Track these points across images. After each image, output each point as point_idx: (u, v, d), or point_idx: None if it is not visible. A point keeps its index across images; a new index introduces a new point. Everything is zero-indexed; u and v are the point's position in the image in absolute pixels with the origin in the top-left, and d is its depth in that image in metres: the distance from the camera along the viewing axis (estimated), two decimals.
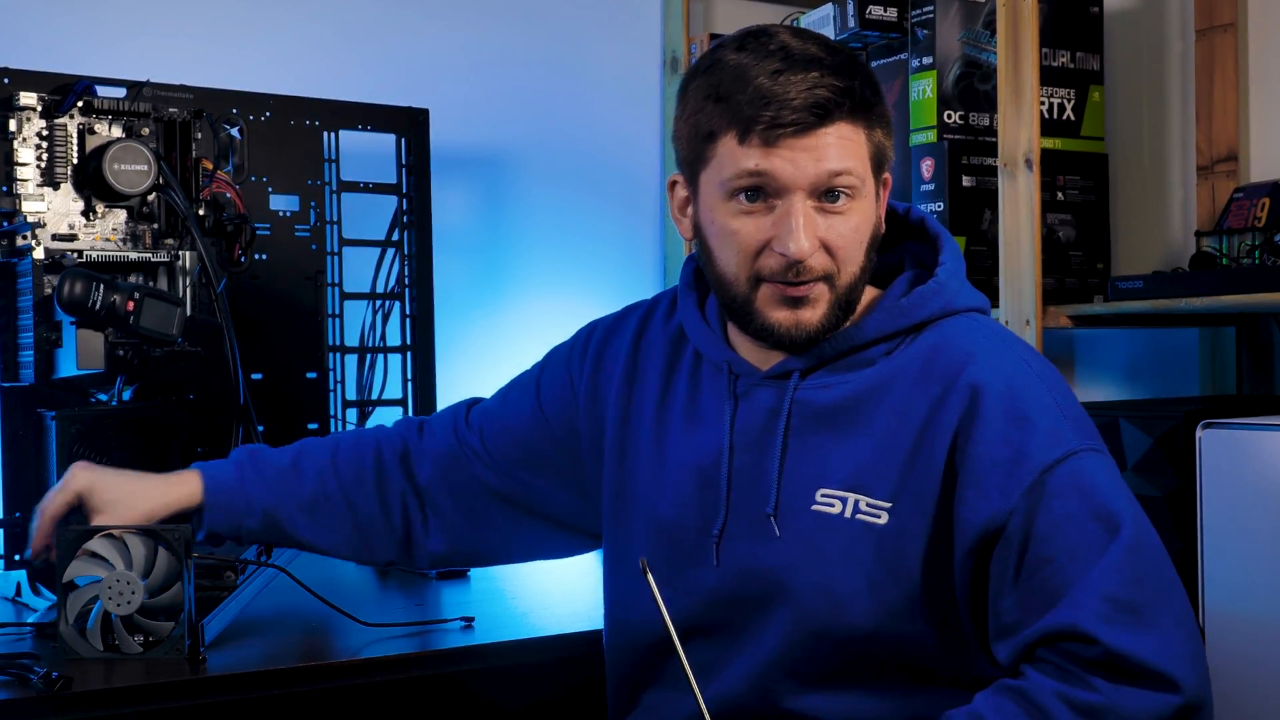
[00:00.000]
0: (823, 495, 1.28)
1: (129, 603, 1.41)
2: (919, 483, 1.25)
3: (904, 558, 1.25)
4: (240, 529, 1.51)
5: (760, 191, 1.26)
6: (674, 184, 1.37)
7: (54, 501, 1.48)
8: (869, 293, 1.36)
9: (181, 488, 1.50)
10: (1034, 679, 1.17)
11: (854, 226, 1.28)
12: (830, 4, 2.16)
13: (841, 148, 1.25)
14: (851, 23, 2.12)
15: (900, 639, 1.26)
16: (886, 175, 1.34)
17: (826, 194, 1.26)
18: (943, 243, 1.37)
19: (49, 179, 1.73)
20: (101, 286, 1.59)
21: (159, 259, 1.76)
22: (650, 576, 1.19)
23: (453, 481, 1.53)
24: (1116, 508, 1.20)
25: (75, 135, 1.74)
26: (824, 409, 1.31)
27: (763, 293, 1.28)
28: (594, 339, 1.52)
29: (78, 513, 1.49)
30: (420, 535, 1.54)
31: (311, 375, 1.98)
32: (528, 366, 1.61)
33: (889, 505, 1.26)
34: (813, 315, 1.28)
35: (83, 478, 1.48)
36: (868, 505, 1.26)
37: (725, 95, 1.26)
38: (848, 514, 1.27)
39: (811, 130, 1.24)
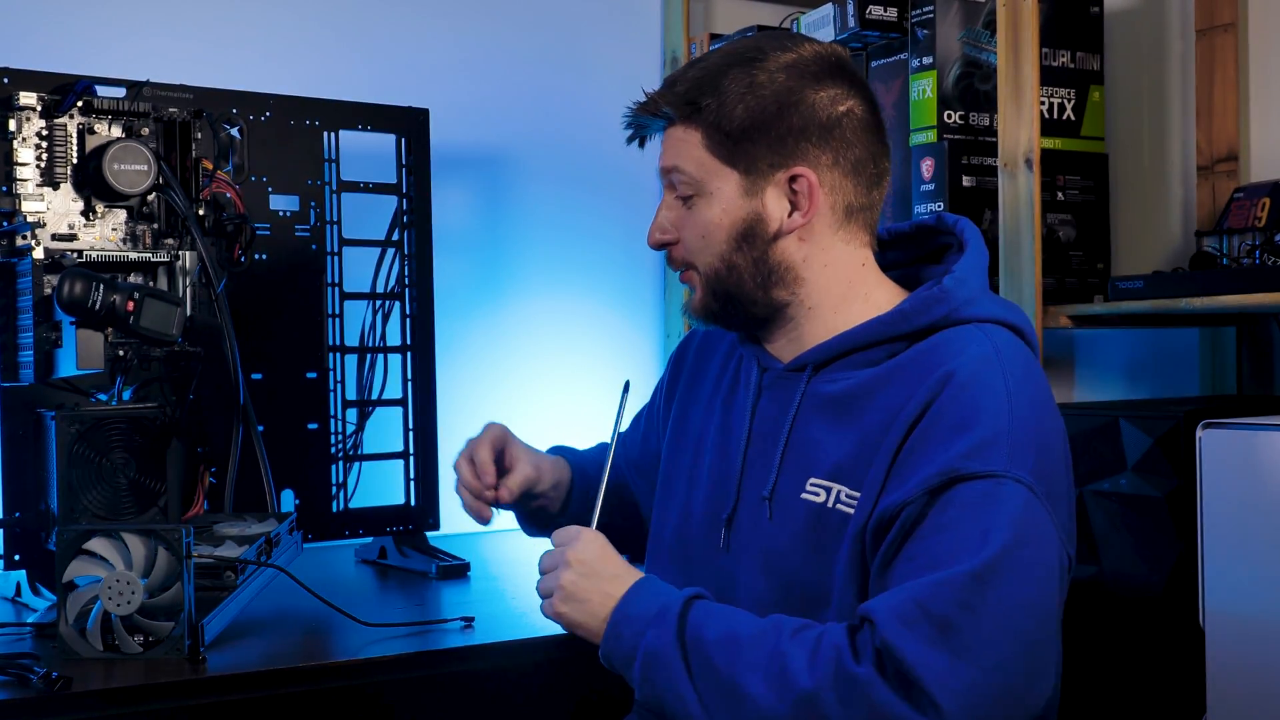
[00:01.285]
0: (812, 484, 1.34)
1: (129, 603, 1.41)
2: (875, 473, 1.29)
3: (858, 546, 1.29)
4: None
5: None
6: None
7: (485, 445, 1.64)
8: (895, 296, 1.41)
9: (561, 466, 1.69)
10: (833, 628, 1.22)
11: (695, 221, 1.40)
12: (830, 4, 2.16)
13: (671, 148, 1.41)
14: (851, 23, 2.12)
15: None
16: (797, 170, 1.36)
17: (679, 195, 1.41)
18: (967, 248, 1.41)
19: (49, 179, 1.73)
20: (101, 286, 1.59)
21: (159, 259, 1.76)
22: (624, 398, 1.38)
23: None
24: (996, 538, 1.19)
25: (75, 135, 1.74)
26: (827, 400, 1.37)
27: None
28: (675, 351, 1.67)
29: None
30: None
31: (311, 375, 1.98)
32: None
33: (858, 495, 1.30)
34: (695, 299, 1.43)
35: (498, 430, 1.66)
36: (846, 495, 1.31)
37: None
38: (830, 503, 1.32)
39: (656, 132, 1.43)
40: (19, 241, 1.69)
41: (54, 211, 1.73)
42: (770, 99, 1.37)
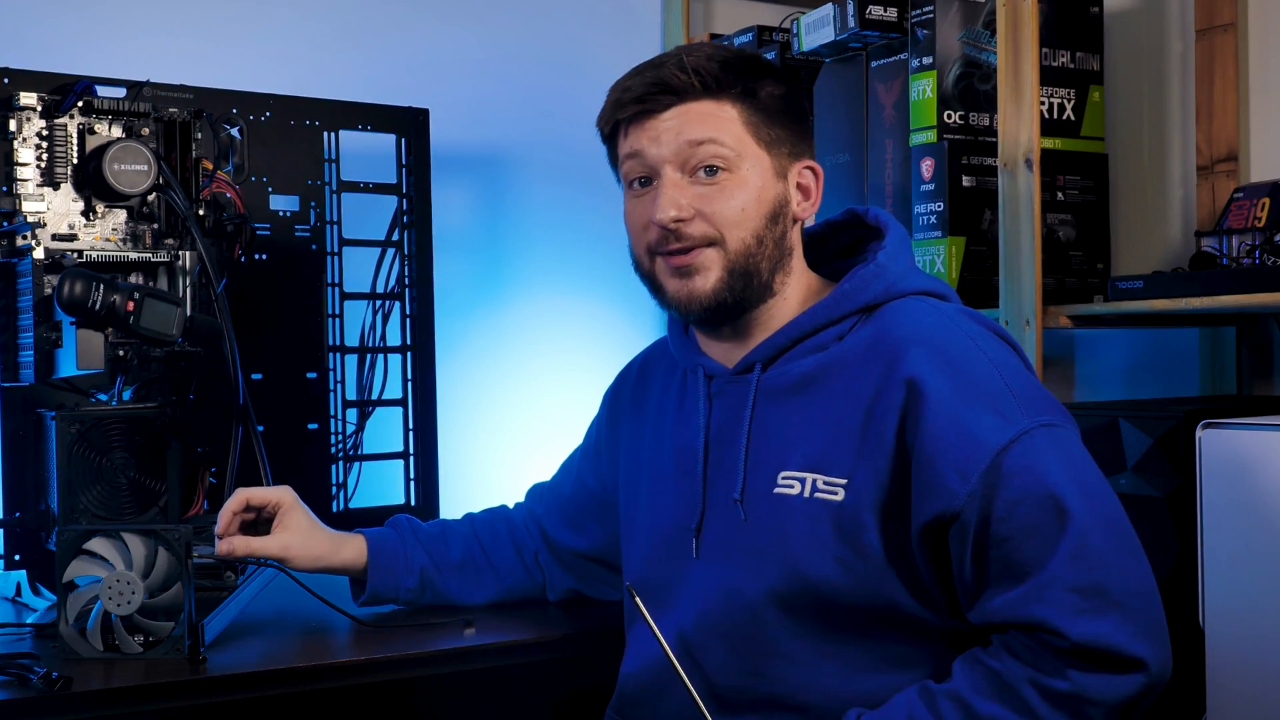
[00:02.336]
0: (784, 478, 1.34)
1: (129, 603, 1.41)
2: (871, 461, 1.29)
3: (862, 531, 1.29)
4: (399, 589, 1.62)
5: (648, 179, 1.39)
6: None
7: (253, 495, 1.57)
8: (813, 284, 1.43)
9: (351, 548, 1.61)
10: (1008, 663, 1.23)
11: (732, 195, 1.36)
12: (830, 4, 2.16)
13: (703, 124, 1.36)
14: (851, 23, 2.12)
15: (873, 599, 1.30)
16: (809, 163, 1.43)
17: (702, 170, 1.36)
18: (888, 230, 1.43)
19: (49, 179, 1.73)
20: (101, 286, 1.59)
21: (159, 259, 1.76)
22: (639, 601, 1.25)
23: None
24: (1065, 491, 1.23)
25: (75, 135, 1.74)
26: (780, 393, 1.37)
27: (659, 265, 1.40)
28: (610, 389, 1.65)
29: (252, 524, 1.58)
30: (555, 579, 1.68)
31: (311, 375, 1.98)
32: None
33: (844, 482, 1.30)
34: (704, 284, 1.37)
35: (288, 497, 1.59)
36: (824, 483, 1.31)
37: (605, 104, 1.42)
38: (806, 493, 1.32)
39: (668, 108, 1.37)
40: (19, 241, 1.69)
41: (54, 211, 1.73)
42: (794, 90, 1.41)
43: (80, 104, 1.74)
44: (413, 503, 2.06)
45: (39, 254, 1.68)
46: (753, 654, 1.35)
